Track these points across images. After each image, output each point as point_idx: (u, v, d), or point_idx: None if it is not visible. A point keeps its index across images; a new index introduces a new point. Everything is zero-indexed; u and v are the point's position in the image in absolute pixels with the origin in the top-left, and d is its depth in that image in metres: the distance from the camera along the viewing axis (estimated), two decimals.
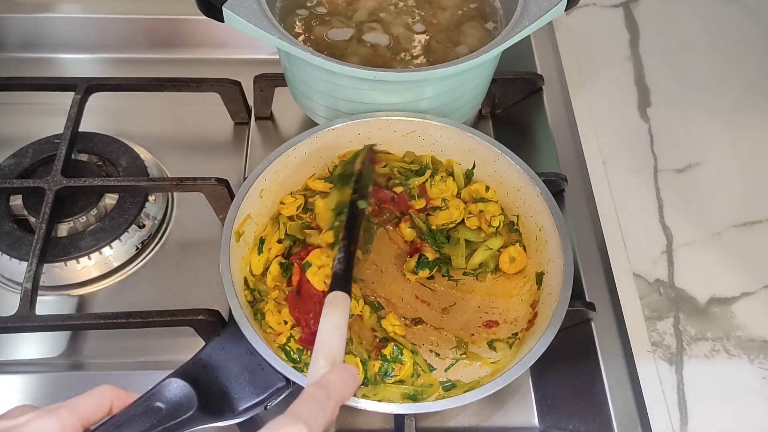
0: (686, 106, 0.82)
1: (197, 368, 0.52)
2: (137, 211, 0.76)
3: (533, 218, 0.66)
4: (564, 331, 0.56)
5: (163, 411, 0.46)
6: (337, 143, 0.69)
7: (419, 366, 0.61)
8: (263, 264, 0.64)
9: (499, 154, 0.66)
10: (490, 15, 0.76)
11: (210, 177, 0.72)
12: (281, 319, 0.60)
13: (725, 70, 0.86)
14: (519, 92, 0.86)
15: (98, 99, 0.81)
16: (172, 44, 0.95)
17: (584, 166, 0.75)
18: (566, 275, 0.59)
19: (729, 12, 0.92)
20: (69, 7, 0.93)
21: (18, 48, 0.94)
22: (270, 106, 0.85)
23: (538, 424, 0.66)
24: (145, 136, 0.85)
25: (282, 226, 0.66)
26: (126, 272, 0.75)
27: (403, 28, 0.74)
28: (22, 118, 0.87)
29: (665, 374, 0.62)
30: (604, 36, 0.89)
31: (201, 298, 0.72)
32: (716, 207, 0.74)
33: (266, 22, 0.63)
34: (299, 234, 0.66)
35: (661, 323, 0.65)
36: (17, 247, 0.72)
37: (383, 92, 0.67)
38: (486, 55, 0.63)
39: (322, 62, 0.62)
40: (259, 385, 0.53)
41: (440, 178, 0.70)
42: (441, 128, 0.68)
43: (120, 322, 0.64)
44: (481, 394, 0.52)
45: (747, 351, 0.64)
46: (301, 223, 0.67)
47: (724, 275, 0.69)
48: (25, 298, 0.64)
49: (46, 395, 0.66)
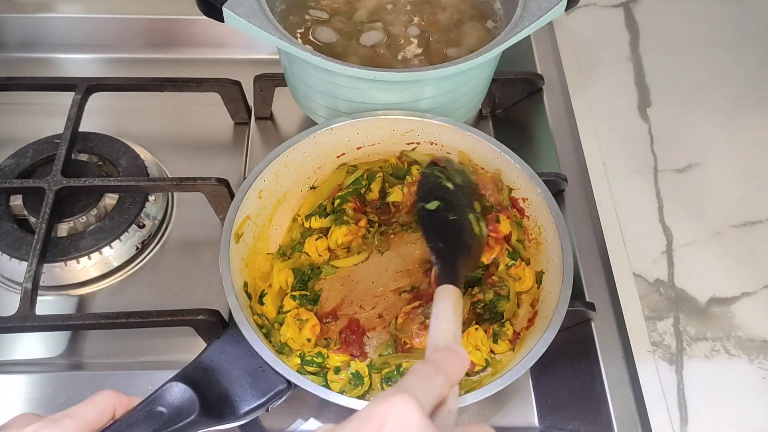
0: (686, 106, 0.82)
1: (198, 371, 0.52)
2: (137, 211, 0.75)
3: (533, 218, 0.66)
4: (564, 331, 0.56)
5: (165, 415, 0.46)
6: (335, 143, 0.69)
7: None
8: (275, 308, 0.64)
9: (499, 153, 0.66)
10: (490, 15, 0.76)
11: (210, 177, 0.72)
12: (303, 338, 0.61)
13: (725, 70, 0.86)
14: (519, 92, 0.86)
15: (98, 99, 0.81)
16: (172, 44, 0.95)
17: (584, 166, 0.75)
18: (566, 275, 0.59)
19: (729, 12, 0.92)
20: (69, 7, 0.93)
21: (18, 48, 0.94)
22: (270, 106, 0.85)
23: (538, 424, 0.66)
24: (145, 136, 0.85)
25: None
26: (126, 272, 0.75)
27: (403, 28, 0.74)
28: (22, 118, 0.87)
29: (665, 374, 0.62)
30: (604, 36, 0.89)
31: (201, 298, 0.72)
32: (716, 207, 0.74)
33: (266, 22, 0.63)
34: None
35: (661, 323, 0.65)
36: (17, 247, 0.72)
37: (383, 92, 0.67)
38: (486, 55, 0.63)
39: (322, 62, 0.62)
40: (261, 388, 0.53)
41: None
42: (440, 127, 0.68)
43: (120, 322, 0.64)
44: (481, 395, 0.52)
45: (747, 351, 0.64)
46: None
47: (724, 275, 0.69)
48: (25, 298, 0.64)
49: (46, 395, 0.65)
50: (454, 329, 0.46)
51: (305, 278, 0.66)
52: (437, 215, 0.58)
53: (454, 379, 0.40)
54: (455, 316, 0.46)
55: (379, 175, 0.71)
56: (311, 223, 0.69)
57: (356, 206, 0.69)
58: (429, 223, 0.58)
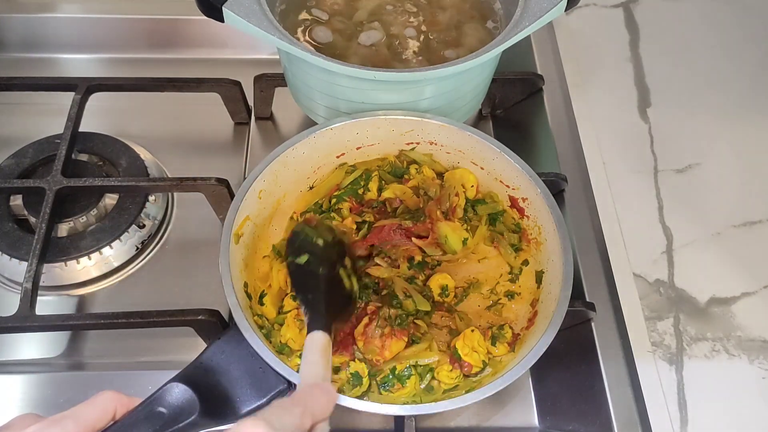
0: (686, 106, 0.82)
1: (198, 372, 0.52)
2: (137, 211, 0.76)
3: (533, 218, 0.66)
4: (564, 331, 0.56)
5: (166, 416, 0.46)
6: (335, 143, 0.69)
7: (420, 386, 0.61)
8: (275, 308, 0.63)
9: (498, 153, 0.66)
10: (490, 15, 0.76)
11: (210, 177, 0.72)
12: (303, 338, 0.60)
13: (725, 70, 0.86)
14: (519, 92, 0.86)
15: (98, 99, 0.81)
16: (172, 44, 0.95)
17: (584, 166, 0.75)
18: (566, 275, 0.59)
19: (729, 12, 0.92)
20: (69, 7, 0.93)
21: (19, 48, 0.94)
22: (270, 106, 0.85)
23: (538, 424, 0.66)
24: (145, 136, 0.85)
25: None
26: (126, 272, 0.75)
27: (403, 28, 0.74)
28: (22, 118, 0.87)
29: (665, 374, 0.62)
30: (604, 36, 0.89)
31: (201, 298, 0.72)
32: (716, 207, 0.74)
33: (266, 22, 0.63)
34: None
35: (661, 323, 0.65)
36: (17, 247, 0.72)
37: (383, 92, 0.67)
38: (486, 55, 0.63)
39: (322, 62, 0.62)
40: (261, 388, 0.53)
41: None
42: (439, 126, 0.68)
43: (120, 322, 0.64)
44: (481, 395, 0.52)
45: (747, 351, 0.64)
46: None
47: (724, 275, 0.69)
48: (25, 298, 0.64)
49: (46, 395, 0.66)
50: (322, 371, 0.49)
51: None
52: (306, 269, 0.59)
53: (317, 411, 0.43)
54: (323, 359, 0.50)
55: (375, 174, 0.71)
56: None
57: (352, 206, 0.69)
58: (299, 277, 0.59)
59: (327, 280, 0.59)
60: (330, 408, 0.44)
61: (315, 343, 0.51)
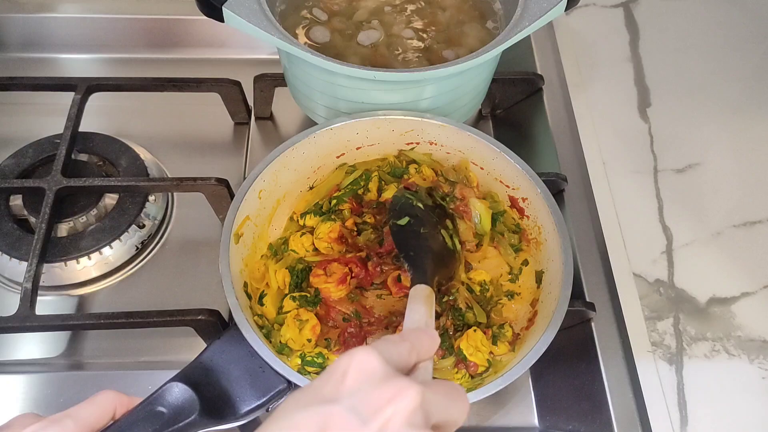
0: (686, 106, 0.82)
1: (198, 371, 0.52)
2: (137, 211, 0.75)
3: (533, 218, 0.66)
4: (564, 331, 0.56)
5: (165, 415, 0.46)
6: (335, 143, 0.69)
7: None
8: (274, 308, 0.63)
9: (498, 153, 0.66)
10: (490, 15, 0.76)
11: (210, 177, 0.72)
12: (304, 338, 0.61)
13: (725, 71, 0.86)
14: (519, 92, 0.86)
15: (98, 99, 0.81)
16: (172, 44, 0.95)
17: (584, 166, 0.75)
18: (566, 275, 0.59)
19: (729, 12, 0.92)
20: (69, 7, 0.93)
21: (18, 48, 0.94)
22: (270, 106, 0.85)
23: (538, 424, 0.66)
24: (145, 136, 0.85)
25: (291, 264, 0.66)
26: (126, 272, 0.75)
27: (403, 28, 0.74)
28: (22, 118, 0.87)
29: (665, 374, 0.62)
30: (604, 36, 0.89)
31: (201, 298, 0.72)
32: (716, 207, 0.74)
33: (266, 22, 0.63)
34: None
35: (661, 323, 0.65)
36: (17, 247, 0.72)
37: (383, 92, 0.67)
38: (486, 55, 0.63)
39: (322, 62, 0.62)
40: (261, 388, 0.53)
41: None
42: (439, 126, 0.68)
43: (120, 322, 0.64)
44: (481, 395, 0.52)
45: (747, 351, 0.64)
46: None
47: (724, 275, 0.69)
48: (25, 298, 0.64)
49: (46, 395, 0.66)
50: (425, 318, 0.48)
51: (298, 280, 0.66)
52: (408, 229, 0.62)
53: (422, 350, 0.42)
54: (426, 308, 0.49)
55: (375, 174, 0.71)
56: (306, 221, 0.68)
57: (353, 207, 0.70)
58: (400, 236, 0.61)
59: (428, 238, 0.62)
60: (433, 349, 0.44)
61: (418, 294, 0.51)
